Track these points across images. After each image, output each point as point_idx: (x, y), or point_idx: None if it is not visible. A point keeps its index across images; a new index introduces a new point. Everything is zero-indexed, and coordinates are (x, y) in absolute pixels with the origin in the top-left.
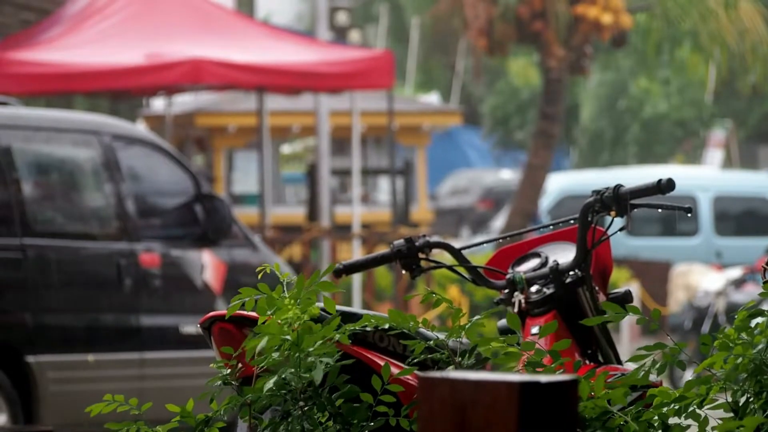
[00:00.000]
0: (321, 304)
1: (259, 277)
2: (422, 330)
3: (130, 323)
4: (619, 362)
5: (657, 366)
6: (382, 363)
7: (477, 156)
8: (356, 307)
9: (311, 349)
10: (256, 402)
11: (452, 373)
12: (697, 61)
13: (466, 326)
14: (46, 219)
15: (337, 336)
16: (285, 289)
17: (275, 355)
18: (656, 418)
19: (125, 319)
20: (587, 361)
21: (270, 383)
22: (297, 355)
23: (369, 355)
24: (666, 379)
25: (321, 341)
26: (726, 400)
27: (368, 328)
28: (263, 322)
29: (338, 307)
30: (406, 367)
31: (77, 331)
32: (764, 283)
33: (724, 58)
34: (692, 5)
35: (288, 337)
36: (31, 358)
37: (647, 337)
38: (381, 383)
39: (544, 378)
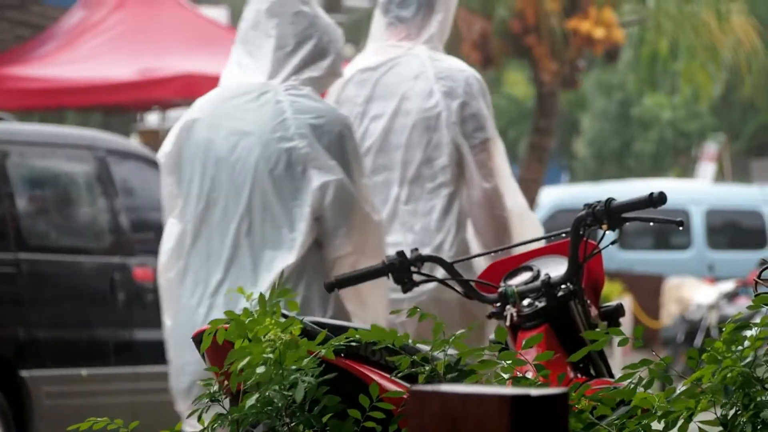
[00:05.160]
0: (308, 318)
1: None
2: (408, 344)
3: (124, 337)
4: (611, 375)
5: (644, 382)
6: (372, 376)
7: None
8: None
9: (294, 367)
10: (243, 420)
11: (443, 387)
12: (692, 74)
13: (451, 339)
14: (40, 233)
15: (323, 351)
16: (252, 311)
17: (260, 370)
18: (640, 430)
19: (119, 334)
20: (579, 375)
21: (252, 400)
22: (280, 372)
23: (360, 369)
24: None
25: (307, 358)
26: (715, 413)
27: (354, 343)
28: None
29: (326, 321)
30: (394, 379)
31: (71, 345)
32: (756, 296)
33: (718, 70)
34: (685, 18)
35: (270, 355)
36: (24, 373)
37: (639, 351)
38: (369, 401)
39: (534, 391)
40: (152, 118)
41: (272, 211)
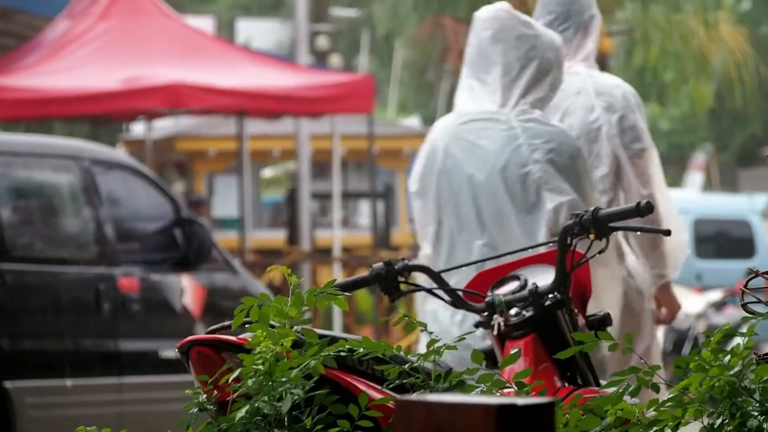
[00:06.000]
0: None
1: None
2: (398, 354)
3: (109, 348)
4: (598, 384)
5: (630, 389)
6: (360, 386)
7: None
8: (337, 331)
9: (284, 379)
10: (230, 429)
11: (429, 396)
12: (680, 85)
13: (441, 349)
14: (24, 244)
15: (312, 363)
16: (290, 297)
17: (250, 382)
18: None
19: (104, 344)
20: (566, 384)
21: (242, 412)
22: (269, 383)
23: (348, 379)
24: None
25: (297, 369)
26: (701, 422)
27: (344, 353)
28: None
29: (317, 331)
30: (384, 390)
31: (56, 356)
32: (742, 305)
33: (708, 80)
34: (673, 27)
35: (261, 366)
36: (9, 384)
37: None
38: (358, 410)
39: (520, 400)
40: (138, 128)
41: (510, 232)
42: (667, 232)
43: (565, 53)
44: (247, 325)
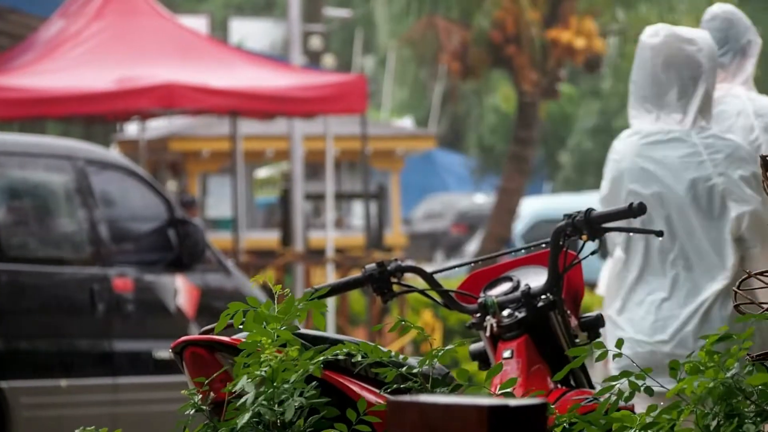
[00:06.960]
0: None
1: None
2: (395, 358)
3: (104, 348)
4: (591, 386)
5: (625, 395)
6: (355, 389)
7: (455, 180)
8: (330, 332)
9: (286, 386)
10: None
11: (422, 397)
12: None
13: (439, 353)
14: (19, 244)
15: (311, 368)
16: (275, 304)
17: (250, 388)
18: None
19: (98, 344)
20: (559, 385)
21: (245, 418)
22: (271, 390)
23: (344, 381)
24: None
25: (296, 375)
26: (697, 424)
27: (341, 356)
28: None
29: (310, 332)
30: (381, 393)
31: (50, 356)
32: (735, 306)
33: None
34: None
35: (263, 372)
36: (3, 384)
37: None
38: (356, 415)
39: (513, 402)
40: (132, 128)
41: (698, 241)
42: (660, 233)
43: (723, 76)
44: (240, 327)
